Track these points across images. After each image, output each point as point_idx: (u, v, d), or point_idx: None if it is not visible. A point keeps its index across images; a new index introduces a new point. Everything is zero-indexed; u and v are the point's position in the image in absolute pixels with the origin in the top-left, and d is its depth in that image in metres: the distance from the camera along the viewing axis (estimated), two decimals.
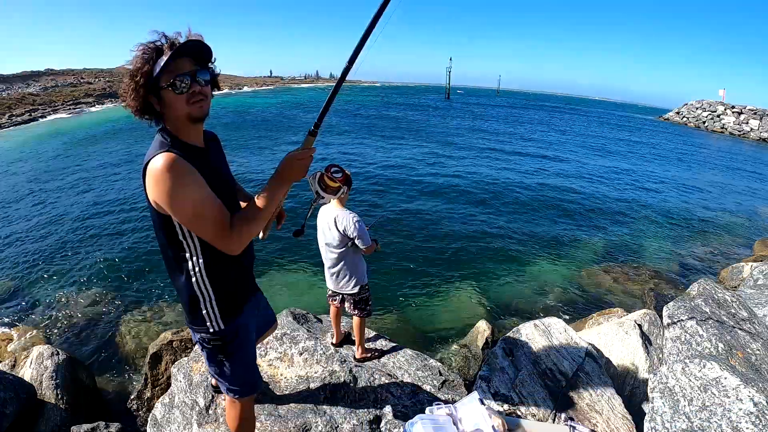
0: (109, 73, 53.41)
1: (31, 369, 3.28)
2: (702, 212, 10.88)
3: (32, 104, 31.53)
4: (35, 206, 9.35)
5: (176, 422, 2.38)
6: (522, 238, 8.16)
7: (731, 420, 2.03)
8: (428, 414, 2.22)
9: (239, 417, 1.73)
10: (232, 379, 1.61)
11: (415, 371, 2.80)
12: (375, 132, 22.60)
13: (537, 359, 2.91)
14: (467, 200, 10.49)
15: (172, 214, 1.23)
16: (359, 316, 2.74)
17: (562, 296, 5.97)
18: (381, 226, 8.09)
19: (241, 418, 1.73)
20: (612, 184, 13.36)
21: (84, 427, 2.81)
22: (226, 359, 1.55)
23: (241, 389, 1.65)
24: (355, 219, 2.48)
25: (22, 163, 13.96)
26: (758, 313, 3.51)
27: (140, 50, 1.18)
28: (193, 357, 2.76)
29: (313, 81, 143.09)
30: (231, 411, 1.76)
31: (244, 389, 1.66)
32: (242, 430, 1.78)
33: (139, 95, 1.20)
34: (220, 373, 1.60)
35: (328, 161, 1.79)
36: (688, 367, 2.37)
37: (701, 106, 46.04)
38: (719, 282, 6.05)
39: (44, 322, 5.04)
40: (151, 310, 5.24)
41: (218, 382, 1.67)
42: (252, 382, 1.69)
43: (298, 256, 6.72)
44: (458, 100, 70.70)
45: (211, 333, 1.48)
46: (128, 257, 6.73)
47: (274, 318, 2.07)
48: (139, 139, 18.15)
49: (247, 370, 1.64)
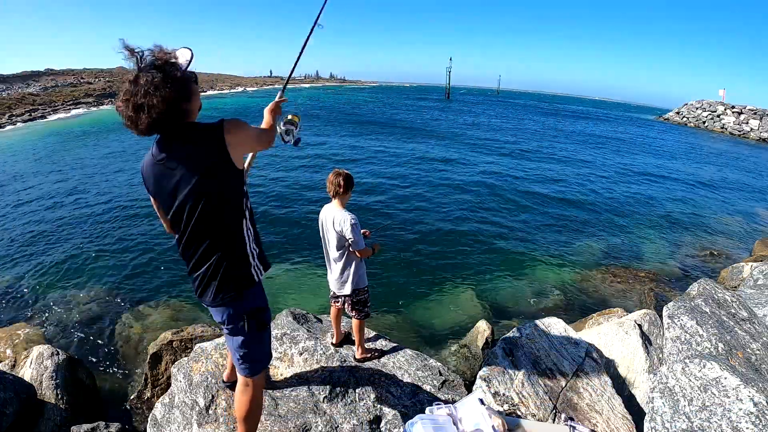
0: (109, 73, 53.39)
1: (31, 369, 3.28)
2: (702, 212, 10.88)
3: (32, 104, 31.51)
4: (35, 206, 9.35)
5: (176, 422, 2.38)
6: (522, 238, 8.16)
7: (731, 420, 2.03)
8: (428, 414, 2.22)
9: (253, 399, 1.81)
10: (260, 350, 1.78)
11: (415, 371, 2.80)
12: (374, 132, 22.61)
13: (537, 359, 2.91)
14: (467, 200, 10.48)
15: (253, 140, 1.63)
16: (357, 317, 2.74)
17: (562, 296, 5.97)
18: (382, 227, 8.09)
19: (255, 399, 1.81)
20: (612, 184, 13.36)
21: (84, 427, 2.81)
22: (265, 328, 1.76)
23: (264, 359, 1.83)
24: (351, 221, 2.47)
25: (22, 164, 13.96)
26: (758, 313, 3.51)
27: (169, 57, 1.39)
28: (193, 357, 2.75)
29: (313, 81, 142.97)
30: (244, 396, 1.81)
31: (265, 359, 1.85)
32: (254, 414, 1.84)
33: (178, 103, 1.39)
34: (254, 346, 1.74)
35: (325, 159, 1.97)
36: (688, 367, 2.37)
37: (701, 106, 46.01)
38: (719, 282, 6.05)
39: (44, 322, 5.04)
40: (152, 310, 5.24)
41: (242, 364, 1.75)
42: (270, 350, 1.88)
43: (298, 256, 6.72)
44: (458, 100, 70.71)
45: (258, 300, 1.70)
46: (129, 257, 6.73)
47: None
48: (140, 139, 18.14)
49: (270, 336, 1.86)
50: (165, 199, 1.53)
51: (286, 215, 8.78)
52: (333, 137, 19.92)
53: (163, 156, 1.46)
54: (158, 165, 1.48)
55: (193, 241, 1.56)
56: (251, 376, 1.79)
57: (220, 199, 1.51)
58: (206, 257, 1.57)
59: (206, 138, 1.45)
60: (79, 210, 9.00)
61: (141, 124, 1.35)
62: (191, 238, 1.56)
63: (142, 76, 1.33)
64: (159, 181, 1.50)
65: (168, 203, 1.53)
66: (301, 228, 8.02)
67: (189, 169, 1.44)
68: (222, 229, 1.56)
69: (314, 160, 14.32)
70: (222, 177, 1.48)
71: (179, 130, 1.44)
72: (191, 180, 1.44)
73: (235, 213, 1.58)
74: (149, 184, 1.55)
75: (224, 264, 1.58)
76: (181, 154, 1.44)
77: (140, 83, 1.32)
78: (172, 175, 1.46)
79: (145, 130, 1.38)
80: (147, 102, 1.31)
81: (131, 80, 1.33)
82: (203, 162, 1.44)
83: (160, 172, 1.48)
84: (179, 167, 1.44)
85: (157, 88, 1.31)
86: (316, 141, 18.47)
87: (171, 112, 1.36)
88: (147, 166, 1.53)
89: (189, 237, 1.56)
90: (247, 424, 1.85)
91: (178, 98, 1.36)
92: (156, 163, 1.48)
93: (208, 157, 1.45)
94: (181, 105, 1.39)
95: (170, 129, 1.43)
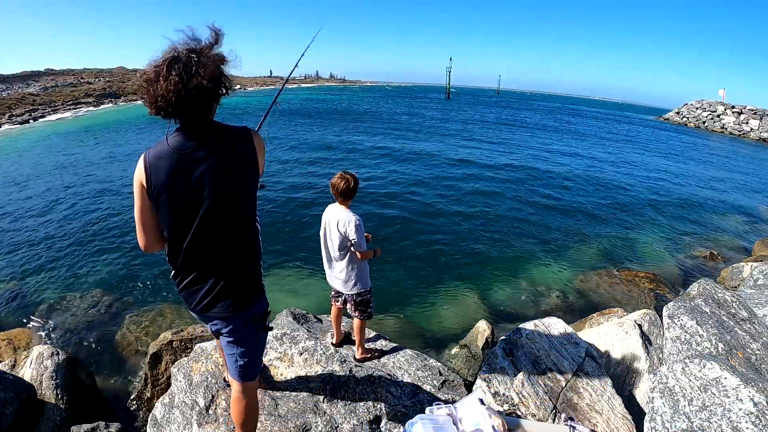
0: (109, 73, 53.40)
1: (31, 369, 3.28)
2: (702, 212, 10.88)
3: (32, 104, 31.51)
4: (35, 207, 9.35)
5: (176, 422, 2.38)
6: (522, 238, 8.16)
7: (731, 420, 2.03)
8: (428, 414, 2.22)
9: (250, 403, 1.79)
10: (261, 353, 1.78)
11: (415, 371, 2.80)
12: (375, 132, 22.61)
13: (537, 359, 2.91)
14: (467, 200, 10.48)
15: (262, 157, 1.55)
16: (360, 318, 2.74)
17: (562, 296, 5.96)
18: (381, 228, 8.10)
19: (252, 403, 1.81)
20: (612, 184, 13.35)
21: (84, 427, 2.81)
22: (269, 329, 1.75)
23: (260, 361, 1.82)
24: (355, 222, 2.47)
25: (22, 164, 13.95)
26: (758, 313, 3.51)
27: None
28: (193, 357, 2.75)
29: (313, 81, 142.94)
30: (241, 402, 1.77)
31: (261, 361, 1.83)
32: (252, 417, 1.83)
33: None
34: (254, 352, 1.72)
35: (324, 159, 1.98)
36: (688, 367, 2.37)
37: (701, 106, 46.01)
38: (719, 282, 6.05)
39: (44, 322, 5.04)
40: (152, 310, 5.24)
41: (242, 369, 1.71)
42: (262, 355, 1.86)
43: (298, 256, 6.72)
44: (458, 100, 70.72)
45: (264, 303, 1.70)
46: (129, 257, 6.73)
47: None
48: (140, 140, 18.16)
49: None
50: (176, 194, 1.41)
51: (285, 215, 8.78)
52: (333, 137, 19.90)
53: (191, 145, 1.38)
54: (180, 155, 1.38)
55: (204, 243, 1.47)
56: (250, 380, 1.76)
57: (243, 197, 1.51)
58: (221, 261, 1.52)
59: (240, 135, 1.47)
60: (79, 210, 9.00)
61: (186, 87, 1.29)
62: (202, 241, 1.47)
63: (213, 50, 1.36)
64: (177, 172, 1.39)
65: (179, 199, 1.41)
66: (301, 228, 8.02)
67: (222, 160, 1.41)
68: (240, 229, 1.53)
69: (314, 159, 14.31)
70: (249, 175, 1.49)
71: (206, 123, 1.42)
72: (222, 172, 1.41)
73: (251, 213, 1.58)
74: (157, 177, 1.40)
75: (242, 268, 1.56)
76: (213, 144, 1.41)
77: (211, 55, 1.35)
78: (195, 167, 1.38)
79: (179, 95, 1.29)
80: (204, 70, 1.31)
81: (199, 49, 1.34)
82: (239, 155, 1.44)
83: (181, 164, 1.39)
84: (211, 158, 1.39)
85: (216, 68, 1.35)
86: (315, 141, 18.46)
87: (210, 91, 1.34)
88: (159, 158, 1.40)
89: (200, 240, 1.46)
90: (246, 427, 1.83)
91: (216, 89, 1.37)
92: (176, 153, 1.38)
93: (245, 152, 1.46)
94: (214, 94, 1.39)
95: (195, 115, 1.38)
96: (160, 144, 1.43)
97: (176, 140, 1.40)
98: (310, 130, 21.97)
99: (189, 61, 1.30)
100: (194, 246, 1.48)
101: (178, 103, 1.31)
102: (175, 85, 1.28)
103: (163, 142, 1.42)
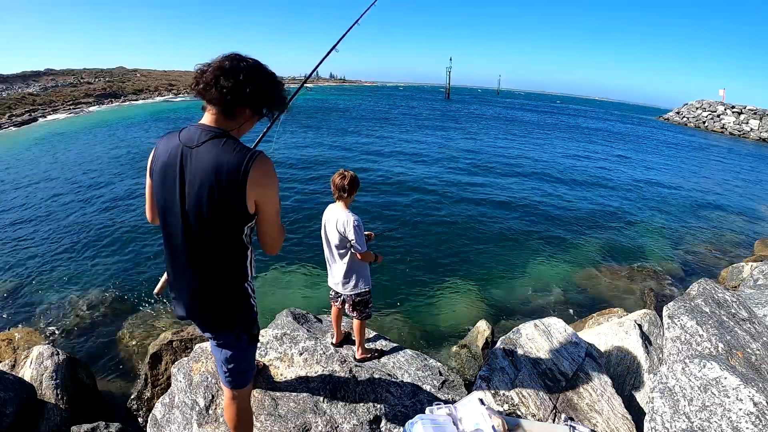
0: (109, 73, 53.39)
1: (31, 369, 3.28)
2: (702, 212, 10.88)
3: (32, 104, 31.49)
4: (35, 207, 9.35)
5: (176, 422, 2.38)
6: (522, 238, 8.16)
7: (731, 420, 2.03)
8: (428, 414, 2.22)
9: (241, 409, 1.79)
10: (248, 362, 1.73)
11: (415, 371, 2.80)
12: (374, 132, 22.60)
13: (537, 359, 2.91)
14: (467, 200, 10.49)
15: (270, 207, 1.43)
16: (358, 318, 2.74)
17: (562, 296, 5.97)
18: (382, 226, 8.09)
19: (243, 408, 1.80)
20: (612, 185, 13.36)
21: (84, 427, 2.80)
22: (257, 341, 1.72)
23: (250, 370, 1.76)
24: (354, 222, 2.46)
25: (22, 164, 13.95)
26: (758, 313, 3.51)
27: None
28: (193, 357, 2.75)
29: (313, 81, 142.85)
30: (232, 407, 1.78)
31: (251, 370, 1.78)
32: (246, 422, 1.83)
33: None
34: (241, 363, 1.68)
35: (324, 159, 1.92)
36: (688, 367, 2.37)
37: (701, 106, 46.03)
38: (719, 282, 6.05)
39: (44, 322, 5.04)
40: (152, 311, 5.24)
41: (228, 377, 1.70)
42: (255, 360, 1.83)
43: (298, 256, 6.72)
44: (458, 100, 70.70)
45: (252, 318, 1.62)
46: (129, 258, 6.74)
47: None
48: (140, 140, 18.15)
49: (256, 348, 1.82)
50: (163, 182, 1.39)
51: (285, 215, 8.78)
52: (332, 137, 19.91)
53: (197, 143, 1.33)
54: (183, 147, 1.35)
55: (177, 245, 1.43)
56: (240, 388, 1.74)
57: (218, 221, 1.39)
58: (193, 273, 1.45)
59: (234, 162, 1.32)
60: (79, 211, 9.00)
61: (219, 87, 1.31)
62: (176, 242, 1.42)
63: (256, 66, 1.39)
64: (171, 162, 1.36)
65: (165, 187, 1.39)
66: (301, 228, 8.02)
67: (210, 176, 1.32)
68: (212, 247, 1.43)
69: (314, 160, 14.31)
70: (228, 205, 1.36)
71: (225, 132, 1.36)
72: (203, 188, 1.32)
73: (228, 240, 1.44)
74: (156, 160, 1.41)
75: (219, 289, 1.49)
76: (213, 155, 1.31)
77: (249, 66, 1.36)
78: (189, 165, 1.34)
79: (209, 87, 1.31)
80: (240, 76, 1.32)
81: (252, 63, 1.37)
82: (223, 180, 1.32)
83: (178, 156, 1.35)
84: (204, 166, 1.32)
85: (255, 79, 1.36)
86: (315, 141, 18.46)
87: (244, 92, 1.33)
88: (165, 142, 1.41)
89: (173, 239, 1.43)
90: (239, 431, 1.83)
91: (254, 94, 1.36)
92: (180, 143, 1.36)
93: (230, 181, 1.32)
94: (249, 100, 1.37)
95: (221, 110, 1.35)
96: (176, 130, 1.43)
97: (188, 132, 1.38)
98: (310, 129, 21.97)
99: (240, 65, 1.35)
100: (169, 245, 1.46)
101: (215, 83, 1.31)
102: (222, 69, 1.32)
103: (179, 129, 1.42)
